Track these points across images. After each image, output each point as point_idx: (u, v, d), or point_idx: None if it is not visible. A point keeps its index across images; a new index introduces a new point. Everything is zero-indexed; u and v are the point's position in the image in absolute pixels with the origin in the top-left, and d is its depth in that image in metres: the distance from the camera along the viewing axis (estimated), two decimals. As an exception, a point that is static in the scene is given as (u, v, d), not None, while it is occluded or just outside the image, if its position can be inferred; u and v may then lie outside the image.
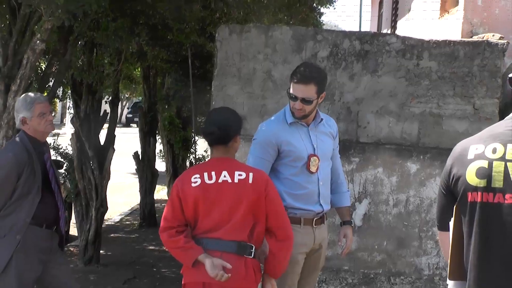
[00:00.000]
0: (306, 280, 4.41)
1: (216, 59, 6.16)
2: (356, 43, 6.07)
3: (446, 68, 5.99)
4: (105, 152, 8.56)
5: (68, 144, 9.03)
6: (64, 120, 36.54)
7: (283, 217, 3.73)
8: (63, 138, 11.98)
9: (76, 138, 8.35)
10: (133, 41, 8.57)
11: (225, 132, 3.66)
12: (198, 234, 3.68)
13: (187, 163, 13.98)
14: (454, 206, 2.45)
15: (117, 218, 12.78)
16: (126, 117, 42.28)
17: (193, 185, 3.62)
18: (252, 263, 3.68)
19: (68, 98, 10.93)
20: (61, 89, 10.50)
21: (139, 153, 11.66)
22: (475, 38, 6.47)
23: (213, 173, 3.63)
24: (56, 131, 9.43)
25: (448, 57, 5.99)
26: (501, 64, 6.01)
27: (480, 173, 2.34)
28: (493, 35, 6.41)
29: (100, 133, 8.80)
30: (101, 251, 8.82)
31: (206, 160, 12.93)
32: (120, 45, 7.92)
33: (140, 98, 15.78)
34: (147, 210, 11.78)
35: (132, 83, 13.82)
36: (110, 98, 9.75)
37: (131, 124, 38.86)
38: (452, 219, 2.47)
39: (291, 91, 4.14)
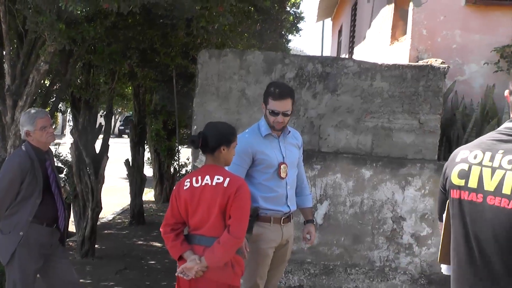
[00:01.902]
0: (275, 271, 4.42)
1: (197, 79, 6.14)
2: (318, 66, 6.08)
3: (396, 88, 6.03)
4: (100, 159, 8.49)
5: (68, 152, 8.94)
6: (65, 131, 36.05)
7: (243, 222, 3.57)
8: (64, 147, 11.87)
9: (75, 147, 8.28)
10: (125, 63, 8.51)
11: (207, 141, 3.64)
12: (190, 231, 3.68)
13: (172, 169, 13.93)
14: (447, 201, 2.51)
15: (110, 217, 12.63)
16: (119, 129, 41.82)
17: (184, 188, 3.63)
18: (232, 257, 3.65)
19: (68, 112, 10.83)
20: (62, 104, 10.40)
21: (130, 160, 11.55)
22: (420, 63, 6.52)
23: (199, 177, 3.62)
24: (57, 141, 9.35)
25: (398, 78, 6.03)
26: (443, 85, 6.07)
27: (461, 174, 2.40)
28: (436, 60, 6.48)
29: (96, 143, 8.72)
30: (96, 246, 8.73)
31: (188, 166, 12.93)
32: (114, 67, 7.88)
33: (131, 112, 15.64)
34: (136, 210, 11.68)
35: (124, 100, 13.71)
36: (105, 112, 9.67)
37: (122, 135, 38.42)
38: (445, 212, 2.52)
39: (271, 107, 4.12)
